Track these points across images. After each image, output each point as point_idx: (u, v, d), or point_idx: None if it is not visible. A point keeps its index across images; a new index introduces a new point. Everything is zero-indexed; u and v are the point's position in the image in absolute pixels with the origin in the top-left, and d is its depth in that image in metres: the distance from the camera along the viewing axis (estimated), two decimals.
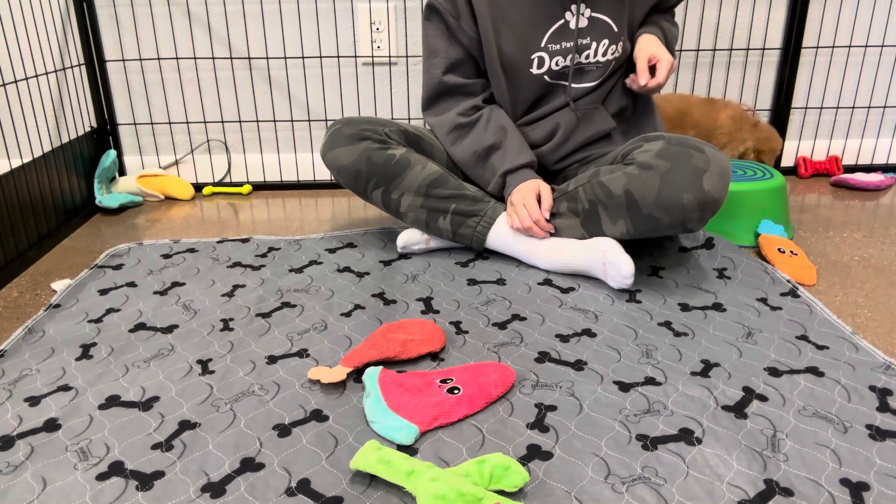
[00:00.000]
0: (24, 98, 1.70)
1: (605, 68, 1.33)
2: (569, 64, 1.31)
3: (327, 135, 1.37)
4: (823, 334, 1.07)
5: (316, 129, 1.92)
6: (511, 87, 1.36)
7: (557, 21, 1.29)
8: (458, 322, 1.12)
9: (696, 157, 1.17)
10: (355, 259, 1.38)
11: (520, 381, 0.95)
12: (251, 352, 1.04)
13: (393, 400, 0.88)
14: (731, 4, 1.82)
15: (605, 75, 1.34)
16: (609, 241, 1.24)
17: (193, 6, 1.78)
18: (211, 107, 1.88)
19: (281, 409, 0.89)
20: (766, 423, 0.85)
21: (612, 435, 0.84)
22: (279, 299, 1.21)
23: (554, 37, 1.30)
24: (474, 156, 1.37)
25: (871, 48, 1.87)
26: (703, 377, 0.96)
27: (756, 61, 1.88)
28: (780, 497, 0.73)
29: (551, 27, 1.29)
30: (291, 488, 0.76)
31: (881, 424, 0.85)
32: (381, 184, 1.34)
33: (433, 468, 0.74)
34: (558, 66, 1.32)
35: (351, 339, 1.07)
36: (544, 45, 1.30)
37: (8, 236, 1.36)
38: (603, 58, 1.31)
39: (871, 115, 1.94)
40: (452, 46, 1.35)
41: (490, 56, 1.33)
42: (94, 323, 1.13)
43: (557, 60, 1.32)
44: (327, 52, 1.83)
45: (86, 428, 0.86)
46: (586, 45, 1.29)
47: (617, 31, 1.29)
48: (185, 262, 1.37)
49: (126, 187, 1.83)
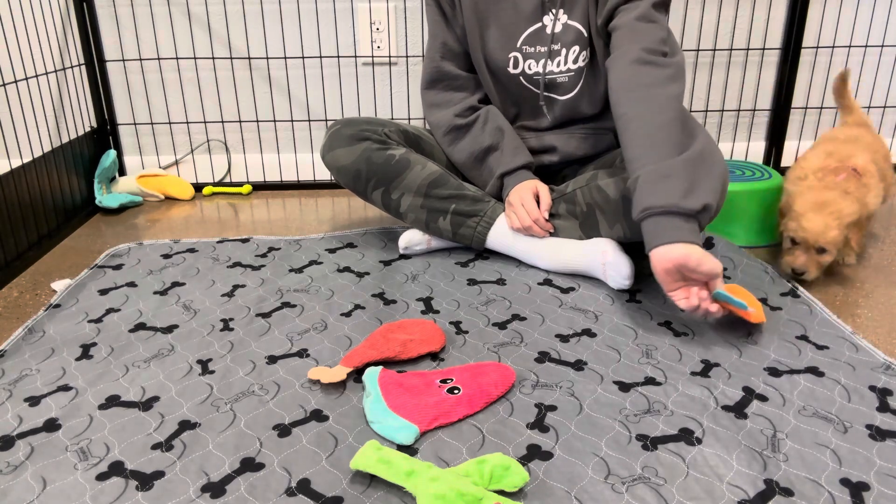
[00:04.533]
0: (24, 98, 1.70)
1: (578, 76, 1.30)
2: (541, 70, 1.30)
3: (327, 135, 1.37)
4: (823, 334, 1.07)
5: (316, 129, 1.92)
6: (496, 85, 1.37)
7: (535, 24, 1.28)
8: (458, 322, 1.12)
9: None
10: (355, 259, 1.38)
11: (520, 381, 0.95)
12: (251, 352, 1.04)
13: (393, 400, 0.88)
14: (731, 4, 1.82)
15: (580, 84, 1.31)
16: (609, 241, 1.24)
17: (193, 6, 1.78)
18: (211, 107, 1.88)
19: (281, 409, 0.89)
20: (766, 423, 0.85)
21: (612, 435, 0.84)
22: (279, 299, 1.21)
23: (530, 38, 1.29)
24: (472, 157, 1.37)
25: (871, 48, 1.87)
26: (703, 377, 0.96)
27: (756, 61, 1.88)
28: (780, 497, 0.73)
29: (528, 28, 1.29)
30: (291, 488, 0.75)
31: (881, 424, 0.85)
32: (381, 184, 1.34)
33: (433, 468, 0.74)
34: (531, 69, 1.31)
35: (351, 339, 1.07)
36: (519, 46, 1.30)
37: (8, 236, 1.36)
38: (574, 65, 1.29)
39: (871, 115, 1.94)
40: (449, 33, 1.36)
41: (474, 49, 1.34)
42: (94, 323, 1.13)
43: (530, 64, 1.30)
44: (327, 52, 1.83)
45: (86, 428, 0.86)
46: (557, 51, 1.28)
47: (587, 37, 1.27)
48: (185, 262, 1.37)
49: (126, 187, 1.83)
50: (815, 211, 1.21)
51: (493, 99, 1.39)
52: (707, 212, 1.03)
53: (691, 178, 1.02)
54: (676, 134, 1.05)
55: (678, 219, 1.01)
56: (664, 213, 1.01)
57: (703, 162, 1.05)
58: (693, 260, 0.98)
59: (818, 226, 1.19)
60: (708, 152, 1.07)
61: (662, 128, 1.05)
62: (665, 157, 1.03)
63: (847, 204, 1.21)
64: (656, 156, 1.04)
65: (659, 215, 1.02)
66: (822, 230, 1.19)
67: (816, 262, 1.22)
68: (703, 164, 1.05)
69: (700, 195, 1.02)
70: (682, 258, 0.99)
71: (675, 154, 1.04)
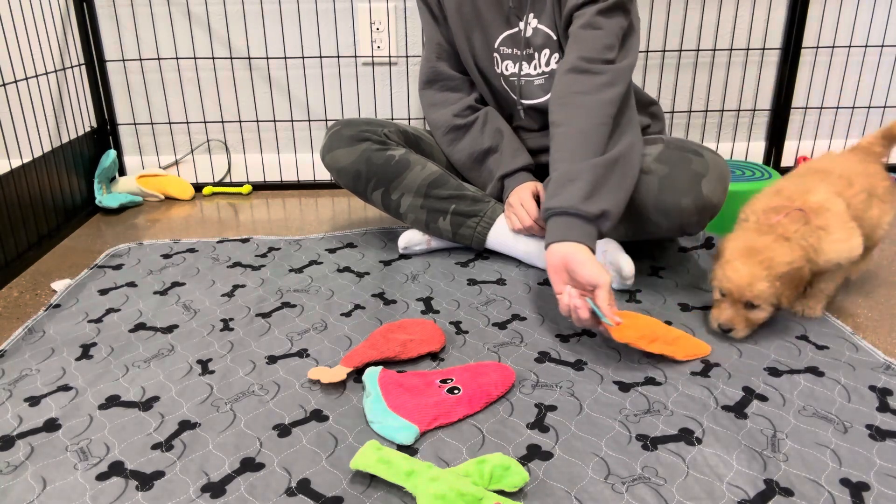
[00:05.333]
0: (24, 98, 1.70)
1: (552, 78, 1.30)
2: (517, 72, 1.30)
3: (327, 136, 1.37)
4: (823, 334, 1.07)
5: (316, 129, 1.92)
6: (488, 86, 1.37)
7: (512, 27, 1.29)
8: (458, 322, 1.12)
9: (694, 162, 1.17)
10: (355, 259, 1.38)
11: (520, 381, 0.95)
12: (251, 352, 1.04)
13: (393, 400, 0.88)
14: (731, 4, 1.82)
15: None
16: (609, 241, 1.24)
17: (193, 6, 1.78)
18: (211, 107, 1.88)
19: (281, 409, 0.89)
20: (766, 423, 0.85)
21: (612, 435, 0.84)
22: (279, 299, 1.21)
23: (506, 41, 1.30)
24: (471, 158, 1.37)
25: (871, 48, 1.87)
26: (703, 377, 0.96)
27: (756, 61, 1.88)
28: (780, 497, 0.73)
29: (505, 31, 1.30)
30: (291, 488, 0.75)
31: (881, 424, 0.85)
32: (381, 185, 1.34)
33: (433, 468, 0.74)
34: (508, 70, 1.32)
35: (351, 339, 1.07)
36: (497, 47, 1.31)
37: (8, 236, 1.36)
38: (548, 67, 1.29)
39: (872, 115, 1.94)
40: (441, 34, 1.38)
41: (462, 50, 1.35)
42: (94, 323, 1.13)
43: (507, 65, 1.31)
44: (327, 52, 1.83)
45: (86, 428, 0.86)
46: (531, 54, 1.29)
47: (556, 40, 1.27)
48: (185, 262, 1.37)
49: (126, 187, 1.83)
50: (743, 259, 1.01)
51: (488, 100, 1.40)
52: (606, 217, 1.05)
53: (596, 183, 1.04)
54: (597, 139, 1.08)
55: (576, 220, 1.03)
56: (563, 213, 1.04)
57: (614, 168, 1.07)
58: (575, 261, 0.99)
59: (743, 277, 1.00)
60: (625, 159, 1.09)
61: (583, 133, 1.08)
62: (579, 161, 1.06)
63: (783, 252, 1.00)
64: (570, 159, 1.06)
65: (558, 215, 1.05)
66: (747, 282, 1.00)
67: (745, 319, 1.03)
68: (614, 171, 1.07)
69: (600, 201, 1.04)
70: (566, 257, 1.00)
71: (590, 158, 1.06)
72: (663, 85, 1.89)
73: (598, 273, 0.97)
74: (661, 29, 1.83)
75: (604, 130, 1.08)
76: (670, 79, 1.88)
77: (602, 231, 1.06)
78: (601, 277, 0.97)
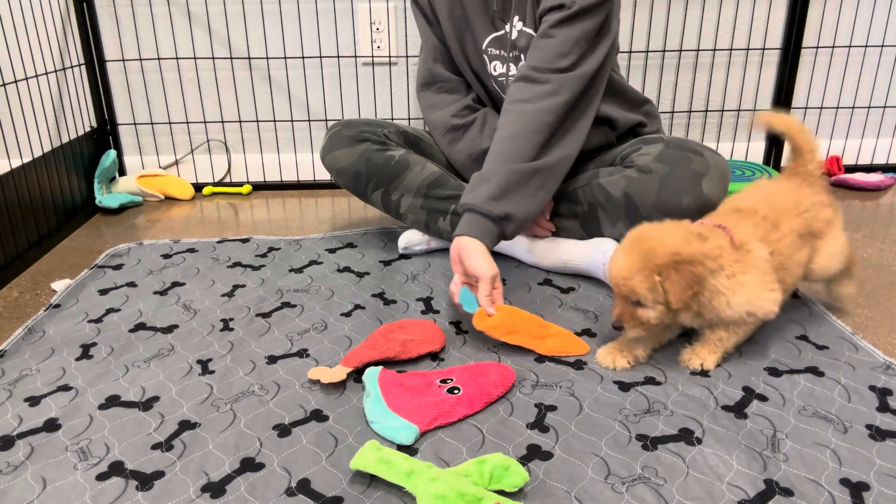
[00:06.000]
0: (24, 98, 1.70)
1: None
2: (505, 72, 1.31)
3: (327, 137, 1.38)
4: (823, 334, 1.07)
5: (316, 130, 1.92)
6: (480, 85, 1.37)
7: (497, 31, 1.29)
8: (458, 322, 1.12)
9: (695, 161, 1.17)
10: (355, 259, 1.38)
11: (520, 381, 0.95)
12: (251, 352, 1.04)
13: (393, 400, 0.88)
14: (731, 4, 1.82)
15: None
16: (610, 241, 1.24)
17: (193, 6, 1.78)
18: (211, 107, 1.88)
19: (281, 409, 0.89)
20: (766, 423, 0.85)
21: (612, 435, 0.84)
22: (279, 299, 1.21)
23: (493, 43, 1.30)
24: (470, 158, 1.37)
25: (871, 48, 1.87)
26: (703, 377, 0.96)
27: (756, 61, 1.88)
28: (780, 497, 0.73)
29: (493, 33, 1.30)
30: (291, 488, 0.75)
31: (881, 424, 0.85)
32: (381, 185, 1.34)
33: (433, 468, 0.74)
34: (496, 71, 1.32)
35: (351, 339, 1.07)
36: (485, 48, 1.31)
37: (8, 236, 1.36)
38: None
39: (871, 115, 1.94)
40: (435, 36, 1.38)
41: (455, 52, 1.35)
42: (94, 323, 1.13)
43: (496, 65, 1.32)
44: (327, 52, 1.83)
45: (86, 428, 0.86)
46: (517, 56, 1.29)
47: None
48: (185, 262, 1.37)
49: (126, 187, 1.83)
50: (625, 250, 0.91)
51: (484, 101, 1.40)
52: (510, 220, 1.11)
53: (507, 186, 1.10)
54: (525, 146, 1.12)
55: (479, 217, 1.11)
56: (469, 209, 1.12)
57: (532, 177, 1.12)
58: (466, 254, 1.07)
59: (621, 269, 0.90)
60: (549, 171, 1.13)
61: (511, 138, 1.13)
62: (501, 164, 1.12)
63: (669, 242, 0.88)
64: (493, 161, 1.13)
65: (466, 211, 1.13)
66: (622, 274, 0.90)
67: (632, 316, 0.92)
68: (532, 179, 1.12)
69: (506, 204, 1.10)
70: (461, 249, 1.08)
71: (513, 163, 1.11)
72: (663, 85, 1.89)
73: (483, 267, 1.05)
74: (661, 29, 1.83)
75: (536, 138, 1.12)
76: (670, 79, 1.88)
77: (506, 233, 1.13)
78: (484, 271, 1.05)
